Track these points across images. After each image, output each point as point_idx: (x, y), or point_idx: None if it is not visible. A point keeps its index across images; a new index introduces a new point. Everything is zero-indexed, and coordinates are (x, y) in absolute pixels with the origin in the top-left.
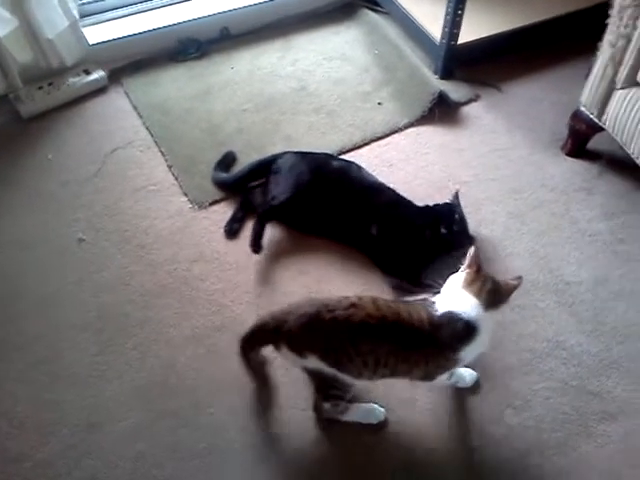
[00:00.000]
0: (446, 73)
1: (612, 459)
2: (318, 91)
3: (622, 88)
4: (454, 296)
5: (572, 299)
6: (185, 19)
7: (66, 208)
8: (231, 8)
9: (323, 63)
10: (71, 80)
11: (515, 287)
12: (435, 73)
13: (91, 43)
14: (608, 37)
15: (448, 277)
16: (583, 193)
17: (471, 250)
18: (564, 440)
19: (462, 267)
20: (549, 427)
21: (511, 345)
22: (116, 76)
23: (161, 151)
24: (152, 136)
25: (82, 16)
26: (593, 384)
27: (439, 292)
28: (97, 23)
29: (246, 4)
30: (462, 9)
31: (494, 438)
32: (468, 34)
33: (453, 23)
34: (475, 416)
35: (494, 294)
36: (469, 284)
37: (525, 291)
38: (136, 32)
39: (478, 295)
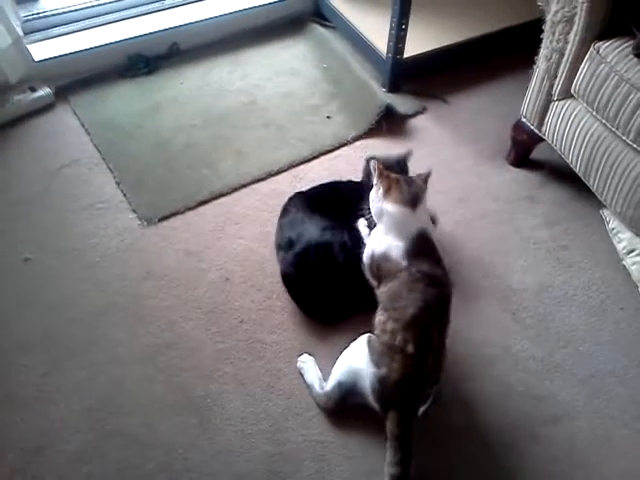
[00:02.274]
0: (393, 86)
1: (556, 461)
2: (268, 105)
3: (559, 100)
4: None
5: (517, 305)
6: (134, 35)
7: (12, 227)
8: (180, 24)
9: (272, 78)
10: (16, 98)
11: (428, 174)
12: (383, 86)
13: (37, 60)
14: (543, 51)
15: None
16: (526, 202)
17: (372, 163)
18: (511, 444)
19: (374, 181)
20: (496, 430)
21: (458, 352)
22: (63, 93)
23: (109, 168)
24: (100, 153)
25: (28, 32)
26: (538, 388)
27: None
28: (43, 39)
29: (195, 20)
30: (406, 24)
31: (441, 443)
32: (413, 48)
33: (398, 37)
34: (423, 422)
35: (413, 189)
36: (388, 192)
37: (471, 298)
38: (84, 48)
39: (402, 199)
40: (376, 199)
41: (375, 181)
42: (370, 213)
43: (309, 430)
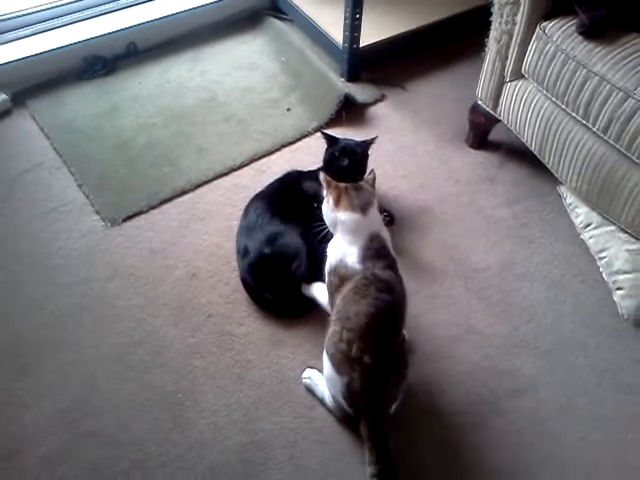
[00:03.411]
0: (352, 76)
1: (522, 432)
2: (228, 101)
3: (511, 81)
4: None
5: (480, 284)
6: (90, 36)
7: None
8: (137, 23)
9: (231, 73)
10: None
11: (373, 178)
12: (341, 76)
13: None
14: (493, 34)
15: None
16: (486, 183)
17: (321, 175)
18: (477, 420)
19: (324, 193)
20: (463, 409)
21: (423, 334)
22: (20, 98)
23: (70, 171)
24: (61, 157)
25: None
26: (504, 363)
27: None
28: None
29: (152, 18)
30: (360, 13)
31: (408, 425)
32: (369, 37)
33: (352, 27)
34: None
35: (362, 195)
36: (338, 202)
37: (436, 281)
38: (39, 52)
39: (353, 206)
40: (328, 210)
41: (325, 193)
42: (324, 225)
43: (281, 418)
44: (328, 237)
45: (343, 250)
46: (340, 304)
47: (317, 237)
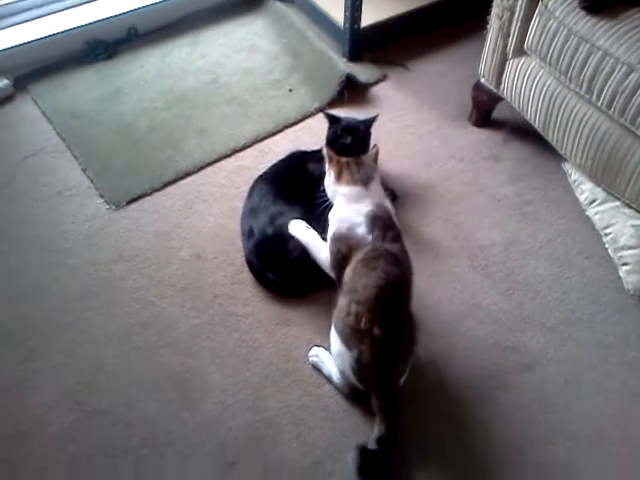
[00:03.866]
0: (353, 56)
1: (528, 407)
2: (229, 83)
3: (513, 57)
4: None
5: (485, 262)
6: (91, 20)
7: None
8: (137, 7)
9: (233, 55)
10: None
11: (375, 152)
12: (343, 56)
13: None
14: (495, 10)
15: None
16: (490, 161)
17: (324, 149)
18: (484, 395)
19: (325, 168)
20: (470, 384)
21: (429, 311)
22: (22, 83)
23: (74, 155)
24: (64, 141)
25: None
26: (509, 339)
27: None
28: None
29: (152, 2)
30: None
31: (416, 401)
32: (371, 17)
33: (353, 7)
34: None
35: (364, 169)
36: (339, 176)
37: (440, 259)
38: (40, 37)
39: (354, 180)
40: (330, 184)
41: (327, 167)
42: (326, 197)
43: (288, 396)
44: (330, 210)
45: (350, 219)
46: (349, 276)
47: (319, 210)
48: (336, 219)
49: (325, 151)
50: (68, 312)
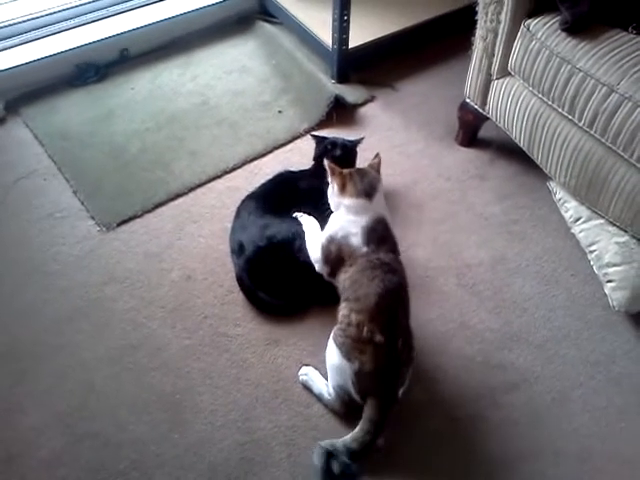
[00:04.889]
0: (342, 77)
1: (518, 425)
2: (219, 104)
3: (498, 78)
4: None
5: (473, 280)
6: (83, 43)
7: None
8: (128, 29)
9: (223, 76)
10: None
11: (378, 162)
12: (331, 78)
13: None
14: (479, 32)
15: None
16: (477, 180)
17: (325, 162)
18: (474, 414)
19: (328, 179)
20: (459, 403)
21: (418, 330)
22: (13, 106)
23: (65, 177)
24: (55, 163)
25: None
26: (497, 358)
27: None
28: None
29: (144, 24)
30: (348, 15)
31: (407, 420)
32: (358, 38)
33: (341, 29)
34: None
35: (367, 180)
36: (343, 189)
37: (429, 277)
38: (31, 60)
39: (358, 192)
40: (333, 196)
41: (329, 179)
42: (330, 209)
43: (278, 416)
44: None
45: (347, 228)
46: (347, 286)
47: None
48: (334, 223)
49: (327, 163)
50: (59, 334)
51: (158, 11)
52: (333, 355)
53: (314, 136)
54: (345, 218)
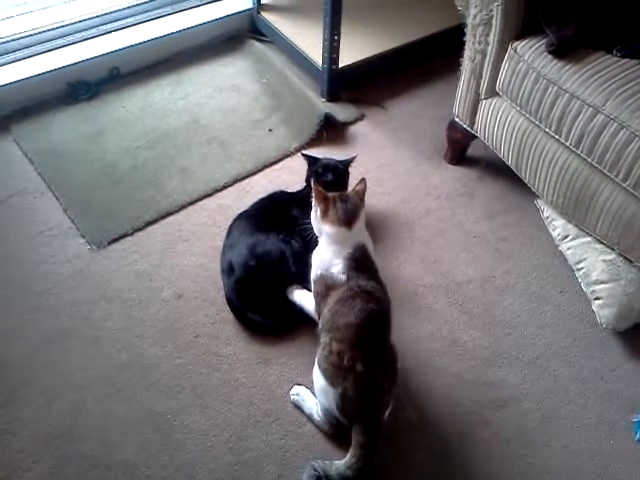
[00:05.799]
0: (332, 96)
1: (507, 443)
2: (210, 123)
3: (486, 98)
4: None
5: (463, 298)
6: (73, 61)
7: None
8: (120, 47)
9: (214, 95)
10: None
11: (363, 189)
12: (322, 96)
13: None
14: (467, 53)
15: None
16: (466, 198)
17: (312, 184)
18: (463, 432)
19: (313, 202)
20: (449, 420)
21: (408, 348)
22: (4, 124)
23: (55, 195)
24: (45, 181)
25: None
26: (487, 375)
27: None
28: None
29: (134, 43)
30: (338, 35)
31: (396, 438)
32: (348, 57)
33: (331, 48)
34: None
35: (349, 208)
36: (325, 214)
37: (419, 295)
38: (22, 78)
39: (338, 220)
40: (315, 219)
41: (313, 202)
42: (311, 228)
43: (269, 436)
44: (312, 237)
45: (328, 260)
46: (327, 316)
47: (302, 237)
48: (317, 261)
49: (314, 185)
50: (48, 354)
51: (149, 30)
52: (318, 379)
53: (305, 155)
54: (326, 250)
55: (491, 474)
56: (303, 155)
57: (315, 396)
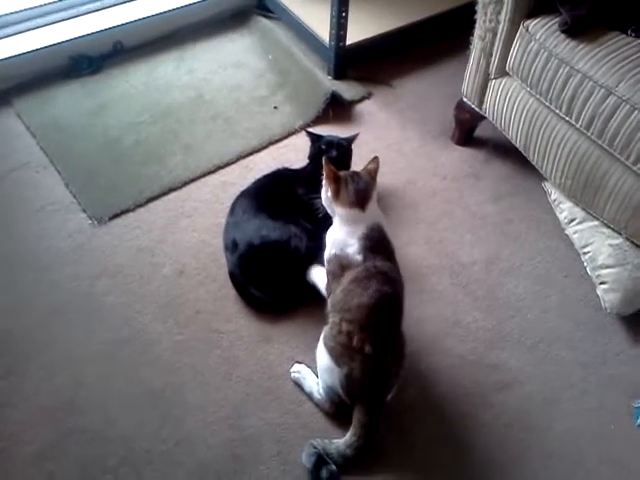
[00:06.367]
0: (338, 73)
1: (509, 426)
2: (215, 99)
3: (495, 78)
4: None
5: (467, 279)
6: (76, 35)
7: None
8: (123, 22)
9: (219, 71)
10: None
11: (375, 168)
12: (328, 74)
13: None
14: (477, 32)
15: None
16: (472, 179)
17: (324, 162)
18: (466, 413)
19: (323, 181)
20: (451, 402)
21: (412, 330)
22: (6, 97)
23: (57, 170)
24: (47, 156)
25: None
26: (489, 357)
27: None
28: None
29: (139, 17)
30: (346, 11)
31: (400, 419)
32: (356, 35)
33: (339, 25)
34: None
35: (361, 188)
36: (337, 195)
37: (423, 276)
38: (24, 51)
39: (351, 201)
40: (327, 200)
41: (324, 182)
42: (320, 203)
43: (269, 414)
44: (322, 213)
45: (343, 240)
46: (340, 295)
47: (309, 213)
48: (331, 241)
49: (325, 163)
50: (50, 328)
51: (154, 4)
52: (323, 357)
53: (309, 133)
54: (340, 231)
55: (492, 456)
56: (307, 132)
57: (316, 375)
